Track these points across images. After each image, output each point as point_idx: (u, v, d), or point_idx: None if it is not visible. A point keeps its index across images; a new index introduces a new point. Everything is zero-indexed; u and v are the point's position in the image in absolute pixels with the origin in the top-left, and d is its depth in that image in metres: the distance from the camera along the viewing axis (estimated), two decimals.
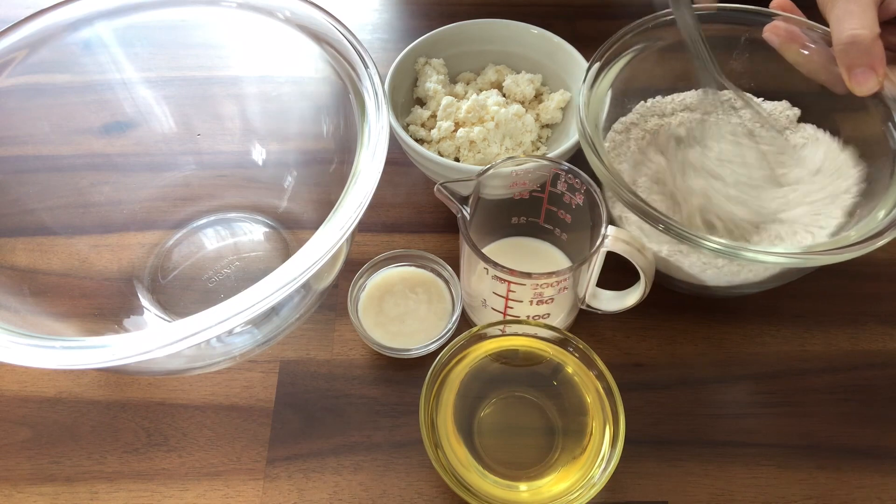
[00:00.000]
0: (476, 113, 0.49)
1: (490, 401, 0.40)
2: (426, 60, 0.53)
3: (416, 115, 0.52)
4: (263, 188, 0.50)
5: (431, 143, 0.50)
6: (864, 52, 0.38)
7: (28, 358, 0.30)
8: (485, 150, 0.48)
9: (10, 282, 0.39)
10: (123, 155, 0.48)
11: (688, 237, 0.36)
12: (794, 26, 0.44)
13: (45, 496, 0.40)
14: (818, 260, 0.36)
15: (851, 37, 0.38)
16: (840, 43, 0.38)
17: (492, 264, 0.38)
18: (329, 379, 0.44)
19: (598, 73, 0.43)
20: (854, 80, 0.39)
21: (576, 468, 0.37)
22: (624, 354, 0.45)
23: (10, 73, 0.41)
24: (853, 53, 0.38)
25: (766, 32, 0.44)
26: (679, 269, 0.43)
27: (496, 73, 0.54)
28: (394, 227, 0.51)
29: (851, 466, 0.41)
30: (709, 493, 0.40)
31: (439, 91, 0.51)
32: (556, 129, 0.53)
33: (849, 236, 0.38)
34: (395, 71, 0.51)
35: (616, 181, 0.38)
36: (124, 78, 0.46)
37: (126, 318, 0.44)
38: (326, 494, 0.40)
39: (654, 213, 0.37)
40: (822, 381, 0.44)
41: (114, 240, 0.47)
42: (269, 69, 0.47)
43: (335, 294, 0.47)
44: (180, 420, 0.42)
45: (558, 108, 0.52)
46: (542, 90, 0.54)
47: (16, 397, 0.43)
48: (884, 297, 0.47)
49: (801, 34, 0.43)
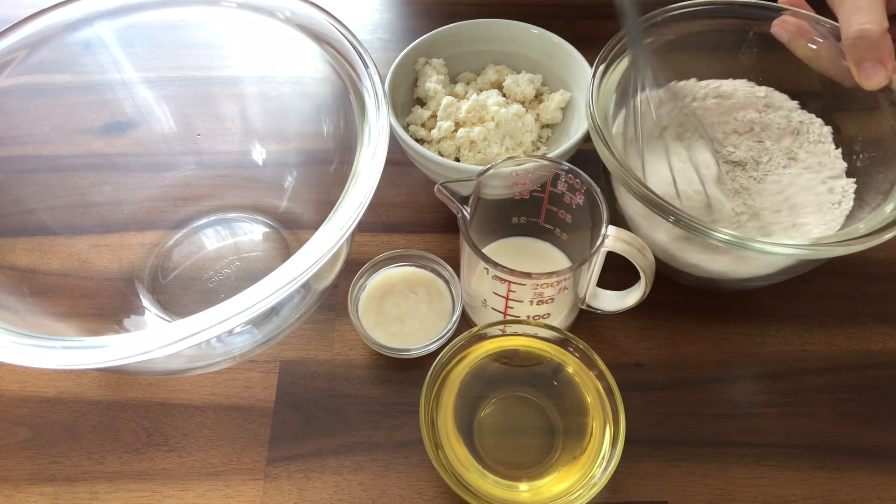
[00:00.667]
0: (476, 113, 0.49)
1: (490, 401, 0.40)
2: (426, 60, 0.53)
3: (417, 115, 0.52)
4: (263, 188, 0.50)
5: (431, 143, 0.50)
6: (872, 47, 0.38)
7: (28, 358, 0.30)
8: (485, 150, 0.48)
9: (10, 282, 0.39)
10: (123, 155, 0.48)
11: (697, 228, 0.36)
12: (803, 21, 0.44)
13: (45, 496, 0.40)
14: (827, 252, 0.36)
15: (860, 31, 0.38)
16: (849, 38, 0.39)
17: (492, 264, 0.38)
18: (329, 379, 0.44)
19: (607, 67, 0.44)
20: (863, 74, 0.39)
21: (576, 468, 0.37)
22: (624, 354, 0.45)
23: (10, 73, 0.41)
24: (862, 48, 0.38)
25: (775, 27, 0.44)
26: (685, 262, 0.43)
27: (496, 73, 0.54)
28: (394, 227, 0.51)
29: (851, 466, 0.41)
30: (709, 493, 0.40)
31: (439, 91, 0.51)
32: (557, 129, 0.53)
33: (857, 228, 0.38)
34: (395, 71, 0.51)
35: (626, 172, 0.39)
36: (124, 78, 0.46)
37: (126, 318, 0.44)
38: (326, 494, 0.40)
39: (664, 204, 0.37)
40: (822, 381, 0.44)
41: (114, 240, 0.47)
42: (269, 69, 0.47)
43: (335, 294, 0.47)
44: (180, 420, 0.42)
45: (558, 108, 0.52)
46: (543, 90, 0.54)
47: (16, 397, 0.43)
48: (884, 297, 0.47)
49: (810, 29, 0.43)
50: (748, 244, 0.36)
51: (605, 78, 0.43)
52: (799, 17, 0.44)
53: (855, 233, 0.37)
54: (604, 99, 0.43)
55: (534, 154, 0.50)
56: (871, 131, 0.43)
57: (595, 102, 0.42)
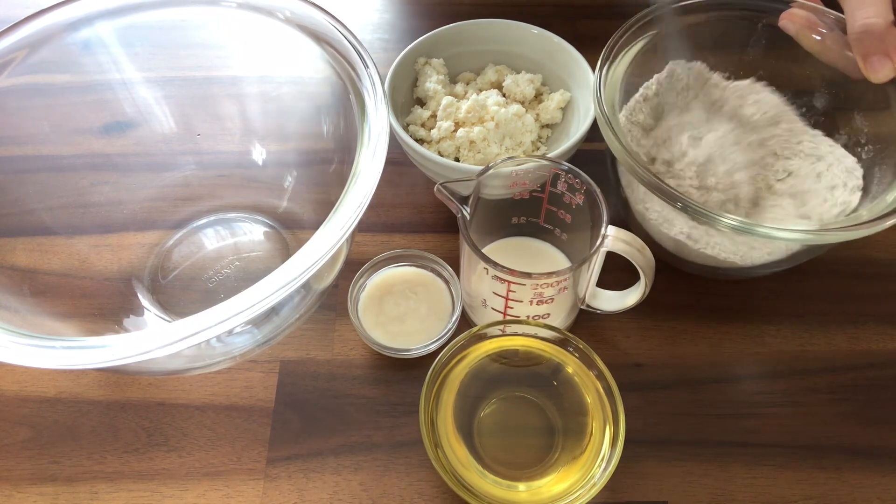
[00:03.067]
0: (476, 113, 0.49)
1: (490, 401, 0.40)
2: (426, 60, 0.53)
3: (416, 116, 0.52)
4: (263, 188, 0.50)
5: (431, 143, 0.50)
6: (878, 40, 0.38)
7: (28, 358, 0.30)
8: (485, 150, 0.48)
9: (10, 282, 0.39)
10: (123, 155, 0.48)
11: (704, 215, 0.37)
12: (811, 13, 0.44)
13: (45, 496, 0.40)
14: (831, 237, 0.37)
15: (865, 25, 0.38)
16: (854, 32, 0.39)
17: (492, 264, 0.38)
18: (329, 379, 0.44)
19: (613, 57, 0.44)
20: (870, 67, 0.39)
21: (576, 468, 0.37)
22: (624, 354, 0.45)
23: (10, 73, 0.41)
24: (867, 42, 0.39)
25: (783, 20, 0.44)
26: (690, 249, 0.43)
27: (496, 73, 0.54)
28: (394, 227, 0.51)
29: (851, 466, 0.41)
30: (709, 493, 0.40)
31: (439, 91, 0.51)
32: (557, 129, 0.53)
33: (860, 215, 0.39)
34: (395, 71, 0.51)
35: (634, 160, 0.39)
36: (124, 78, 0.46)
37: (126, 318, 0.44)
38: (326, 494, 0.40)
39: (671, 191, 0.38)
40: (822, 381, 0.44)
41: (114, 240, 0.47)
42: (269, 69, 0.47)
43: (335, 294, 0.47)
44: (180, 420, 0.42)
45: (558, 108, 0.52)
46: (543, 90, 0.54)
47: (16, 397, 0.43)
48: (884, 297, 0.47)
49: (818, 21, 0.43)
50: (754, 230, 0.36)
51: (612, 67, 0.43)
52: (807, 9, 0.44)
53: (858, 219, 0.38)
54: (610, 88, 0.43)
55: (534, 154, 0.50)
56: (879, 126, 0.44)
57: (603, 90, 0.42)
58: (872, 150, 0.44)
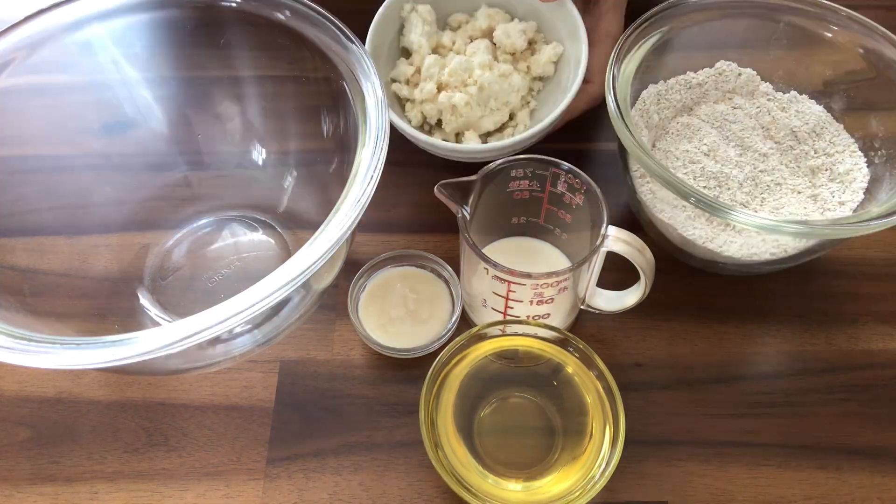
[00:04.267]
0: (459, 76, 0.48)
1: (490, 401, 0.40)
2: (413, 7, 0.51)
3: (400, 72, 0.51)
4: (263, 188, 0.50)
5: (414, 103, 0.50)
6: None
7: (28, 358, 0.30)
8: (467, 114, 0.48)
9: (10, 282, 0.39)
10: (123, 155, 0.48)
11: (716, 208, 0.37)
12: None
13: (45, 496, 0.40)
14: (841, 232, 0.37)
15: None
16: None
17: (492, 264, 0.38)
18: (329, 379, 0.44)
19: (626, 53, 0.44)
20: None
21: (576, 468, 0.37)
22: (624, 354, 0.45)
23: (10, 73, 0.41)
24: None
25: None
26: (694, 244, 0.43)
27: (488, 19, 0.52)
28: (394, 227, 0.51)
29: (851, 466, 0.41)
30: (709, 493, 0.40)
31: (423, 45, 0.50)
32: (549, 82, 0.52)
33: (870, 212, 0.39)
34: (379, 20, 0.49)
35: (646, 154, 0.39)
36: (124, 78, 0.46)
37: (126, 319, 0.44)
38: (326, 494, 0.40)
39: (681, 186, 0.38)
40: (822, 381, 0.44)
41: (114, 240, 0.47)
42: (269, 69, 0.47)
43: (335, 294, 0.47)
44: (180, 420, 0.42)
45: (550, 61, 0.51)
46: (537, 38, 0.52)
47: (16, 397, 0.43)
48: (884, 297, 0.47)
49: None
50: (763, 223, 0.37)
51: (624, 63, 0.44)
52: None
53: (868, 215, 0.38)
54: (623, 83, 0.43)
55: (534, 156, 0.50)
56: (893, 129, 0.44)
57: (616, 86, 0.42)
58: (885, 155, 0.44)
